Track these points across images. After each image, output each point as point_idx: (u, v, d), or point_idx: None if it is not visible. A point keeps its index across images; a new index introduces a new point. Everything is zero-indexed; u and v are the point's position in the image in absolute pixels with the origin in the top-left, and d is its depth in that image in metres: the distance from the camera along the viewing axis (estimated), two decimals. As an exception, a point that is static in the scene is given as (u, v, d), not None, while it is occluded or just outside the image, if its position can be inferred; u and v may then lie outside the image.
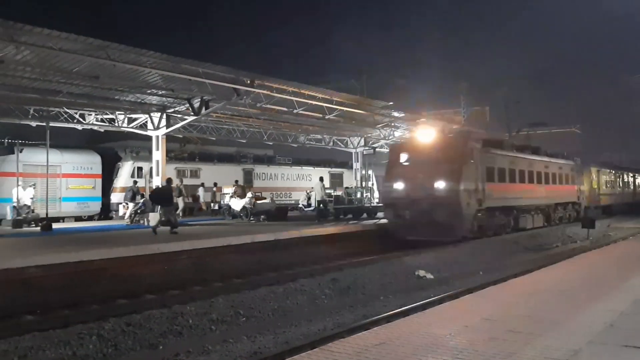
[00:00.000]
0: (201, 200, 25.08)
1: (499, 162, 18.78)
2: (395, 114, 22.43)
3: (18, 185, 19.00)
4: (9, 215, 19.16)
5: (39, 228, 17.32)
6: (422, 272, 12.08)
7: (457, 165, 16.20)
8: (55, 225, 17.83)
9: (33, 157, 20.36)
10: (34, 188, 19.11)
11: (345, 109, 20.09)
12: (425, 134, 17.87)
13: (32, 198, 18.81)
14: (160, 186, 18.33)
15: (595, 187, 31.48)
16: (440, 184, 15.98)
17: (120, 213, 21.47)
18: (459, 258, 14.46)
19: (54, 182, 21.12)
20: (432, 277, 11.97)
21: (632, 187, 42.34)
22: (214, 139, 26.02)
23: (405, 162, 17.44)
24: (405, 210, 16.33)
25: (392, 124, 24.61)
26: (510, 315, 6.21)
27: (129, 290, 10.18)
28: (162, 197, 16.13)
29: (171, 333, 7.53)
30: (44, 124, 17.53)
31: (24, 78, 14.19)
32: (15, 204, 18.70)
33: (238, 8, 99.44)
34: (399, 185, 16.99)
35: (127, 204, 20.35)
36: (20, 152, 20.06)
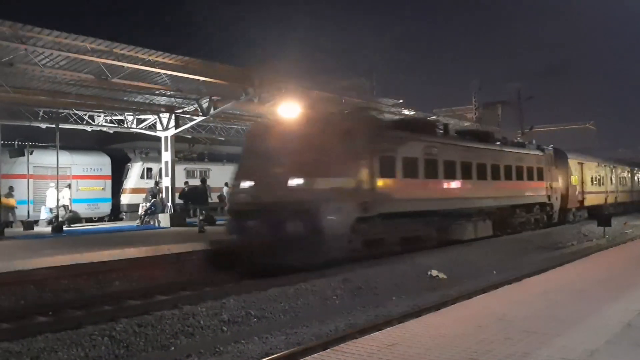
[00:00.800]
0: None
1: (407, 150, 13.34)
2: (406, 111, 22.30)
3: (50, 187, 19.20)
4: (43, 215, 19.39)
5: (49, 229, 17.49)
6: (434, 272, 11.94)
7: (323, 154, 11.10)
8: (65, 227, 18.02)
9: (43, 158, 20.56)
10: (70, 188, 19.30)
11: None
12: (288, 111, 12.57)
13: (69, 198, 19.00)
14: (194, 186, 18.50)
15: (576, 183, 25.20)
16: (295, 182, 10.99)
17: (140, 213, 21.61)
18: (473, 257, 14.30)
19: (65, 184, 21.31)
20: (445, 276, 11.84)
21: (630, 185, 34.76)
22: (222, 139, 26.07)
23: (258, 151, 12.02)
24: (250, 220, 11.19)
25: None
26: (525, 315, 6.11)
27: (141, 290, 10.20)
28: (197, 197, 16.27)
29: (183, 334, 7.51)
30: (54, 125, 17.68)
31: (33, 80, 14.31)
32: (53, 206, 18.89)
33: (246, 5, 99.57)
34: (246, 184, 11.86)
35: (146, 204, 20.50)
36: (31, 154, 20.27)
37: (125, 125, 20.33)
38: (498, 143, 19.48)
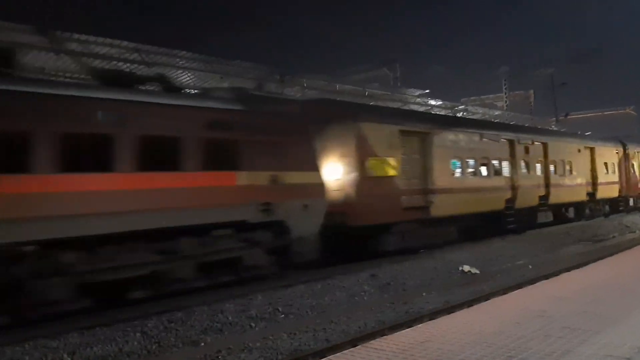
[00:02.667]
0: None
1: None
2: (432, 102, 21.81)
3: None
4: None
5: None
6: (466, 267, 11.66)
7: None
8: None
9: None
10: None
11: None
12: None
13: None
14: None
15: (393, 173, 12.56)
16: None
17: None
18: (506, 252, 13.90)
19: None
20: (477, 272, 11.53)
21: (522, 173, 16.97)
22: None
23: None
24: None
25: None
26: (566, 312, 5.86)
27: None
28: None
29: (212, 330, 7.55)
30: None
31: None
32: None
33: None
34: None
35: None
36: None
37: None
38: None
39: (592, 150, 21.65)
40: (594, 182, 21.36)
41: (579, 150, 20.56)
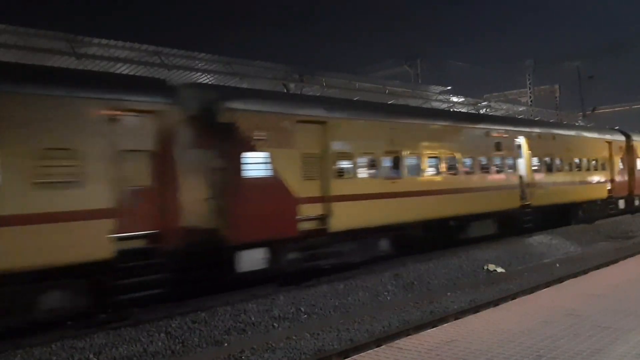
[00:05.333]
0: None
1: None
2: (454, 98, 21.45)
3: None
4: None
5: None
6: (492, 266, 11.46)
7: None
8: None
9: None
10: None
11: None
12: None
13: None
14: None
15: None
16: None
17: None
18: (532, 250, 13.60)
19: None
20: (503, 270, 11.30)
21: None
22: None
23: None
24: None
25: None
26: (595, 310, 5.69)
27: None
28: None
29: (235, 330, 7.58)
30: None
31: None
32: None
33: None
34: None
35: None
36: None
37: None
38: None
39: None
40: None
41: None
